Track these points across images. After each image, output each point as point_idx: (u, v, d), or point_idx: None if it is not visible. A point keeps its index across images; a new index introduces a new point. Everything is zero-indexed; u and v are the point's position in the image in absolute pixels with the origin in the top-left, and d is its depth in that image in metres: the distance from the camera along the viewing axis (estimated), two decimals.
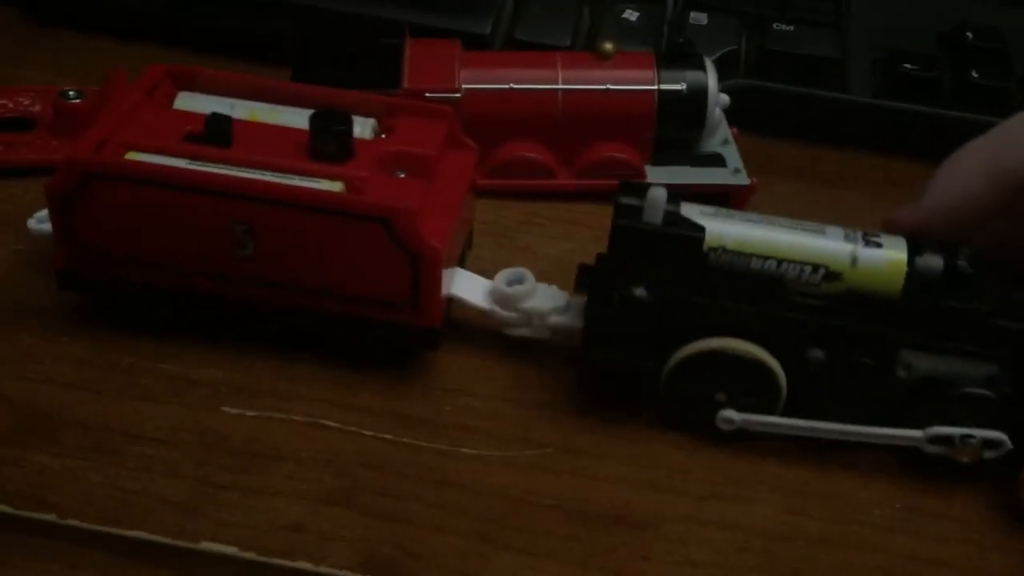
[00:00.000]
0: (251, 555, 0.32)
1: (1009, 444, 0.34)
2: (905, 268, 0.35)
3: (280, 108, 0.39)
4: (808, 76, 0.51)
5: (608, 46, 0.46)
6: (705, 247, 0.35)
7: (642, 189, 0.35)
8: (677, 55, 0.47)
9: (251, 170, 0.35)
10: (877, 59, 0.52)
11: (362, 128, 0.38)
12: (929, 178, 0.38)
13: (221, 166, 0.35)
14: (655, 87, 0.46)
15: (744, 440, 0.36)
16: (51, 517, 0.32)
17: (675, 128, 0.47)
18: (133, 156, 0.36)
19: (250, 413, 0.36)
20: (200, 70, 0.39)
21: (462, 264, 0.39)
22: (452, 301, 0.38)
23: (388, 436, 0.36)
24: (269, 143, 0.36)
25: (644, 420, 0.37)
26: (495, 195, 0.45)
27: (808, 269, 0.35)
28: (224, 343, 0.38)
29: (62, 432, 0.35)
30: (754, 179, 0.46)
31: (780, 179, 0.48)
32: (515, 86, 0.46)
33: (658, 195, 0.35)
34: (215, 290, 0.36)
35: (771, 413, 0.35)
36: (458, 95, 0.45)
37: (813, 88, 0.51)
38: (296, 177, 0.35)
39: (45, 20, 0.53)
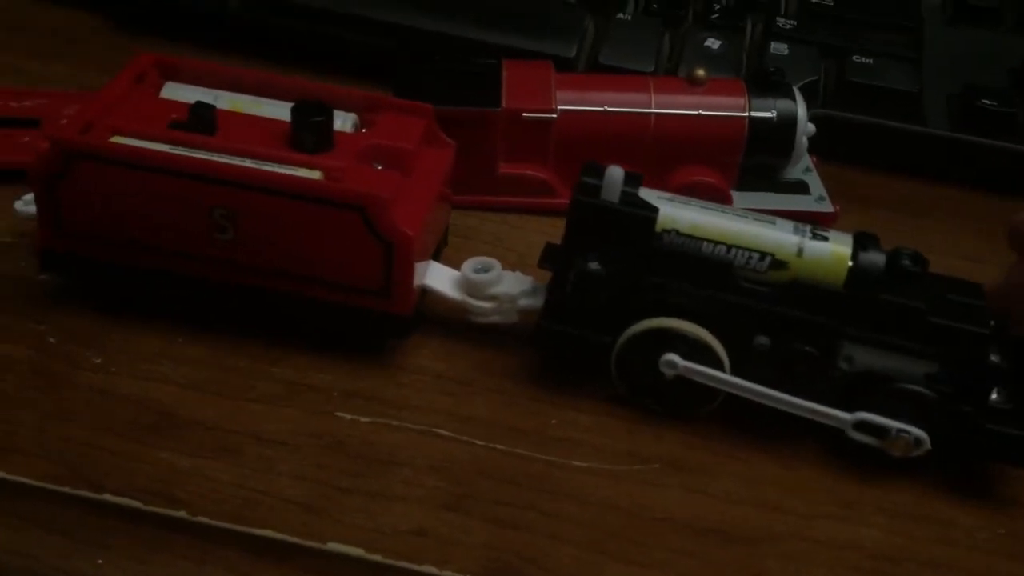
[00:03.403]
0: (377, 557, 0.33)
1: (928, 444, 0.36)
2: (849, 262, 0.36)
3: (263, 100, 0.40)
4: (886, 108, 0.52)
5: (701, 72, 0.47)
6: (658, 228, 0.36)
7: (601, 170, 0.37)
8: (768, 83, 0.48)
9: (232, 157, 0.37)
10: (951, 93, 0.53)
11: (343, 122, 0.39)
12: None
13: (203, 152, 0.37)
14: (746, 114, 0.47)
15: (845, 459, 0.37)
16: (181, 514, 0.33)
17: (764, 155, 0.47)
18: (117, 140, 0.37)
19: (364, 419, 0.37)
20: (186, 61, 0.41)
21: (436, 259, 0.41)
22: (425, 293, 0.39)
23: (500, 446, 0.36)
24: (251, 133, 0.38)
25: (745, 436, 0.37)
26: None
27: (756, 256, 0.36)
28: (332, 349, 0.38)
29: (186, 431, 0.35)
30: (838, 207, 0.47)
31: (858, 208, 0.49)
32: (609, 108, 0.47)
33: (615, 174, 0.36)
34: (195, 272, 0.38)
35: (715, 396, 0.37)
36: (554, 116, 0.46)
37: (891, 120, 0.52)
38: (276, 165, 0.37)
39: (137, 30, 0.54)
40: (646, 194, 0.37)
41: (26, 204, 0.40)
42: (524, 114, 0.46)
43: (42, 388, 0.36)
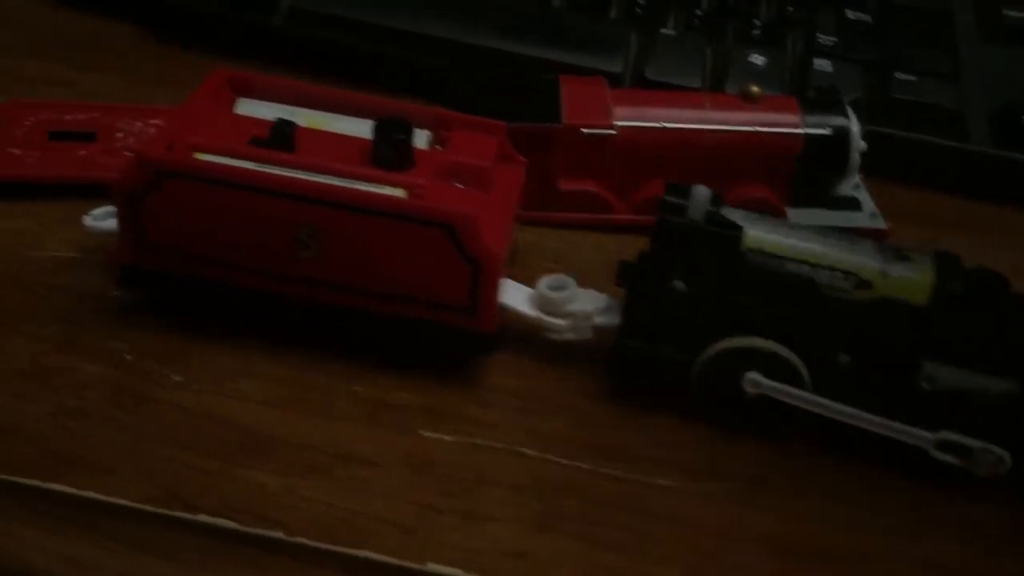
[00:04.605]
0: None
1: (1010, 462, 0.36)
2: (932, 281, 0.36)
3: (336, 117, 0.40)
4: (929, 125, 0.52)
5: (755, 89, 0.48)
6: (742, 247, 0.37)
7: (687, 190, 0.37)
8: (821, 100, 0.48)
9: (315, 174, 0.37)
10: (992, 110, 0.53)
11: (419, 139, 0.39)
12: None
13: (286, 169, 0.37)
14: (801, 131, 0.47)
15: (927, 478, 0.37)
16: (278, 534, 0.33)
17: (818, 171, 0.48)
18: (201, 157, 0.37)
19: (448, 438, 0.37)
20: (259, 77, 0.41)
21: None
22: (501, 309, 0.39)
23: (584, 465, 0.37)
24: (330, 149, 0.38)
25: (826, 455, 0.38)
26: (637, 231, 0.46)
27: (840, 276, 0.37)
28: (411, 367, 0.38)
29: (273, 450, 0.35)
30: (890, 223, 0.48)
31: (906, 224, 0.49)
32: (666, 124, 0.47)
33: (702, 194, 0.37)
34: (276, 289, 0.38)
35: (796, 414, 0.37)
36: (612, 131, 0.46)
37: (935, 137, 0.52)
38: (358, 182, 0.37)
39: (179, 41, 0.53)
40: (729, 213, 0.37)
41: (96, 219, 0.39)
42: (583, 130, 0.46)
43: (125, 406, 0.36)
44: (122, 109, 0.47)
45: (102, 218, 0.39)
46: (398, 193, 0.37)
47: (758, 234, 0.37)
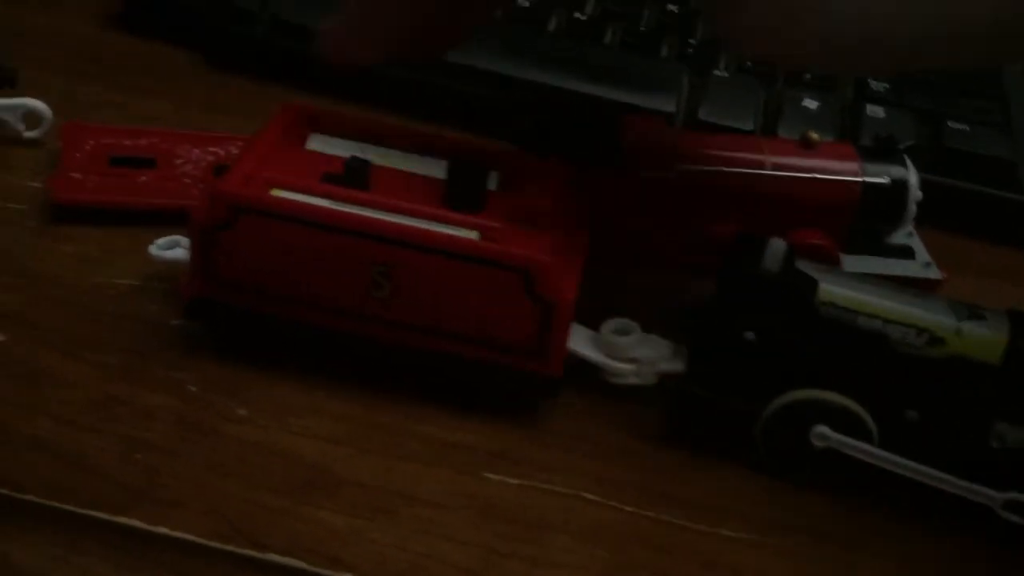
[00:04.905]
0: None
1: None
2: (1005, 339, 0.36)
3: (405, 154, 0.40)
4: (982, 174, 0.52)
5: (814, 135, 0.48)
6: (816, 301, 0.36)
7: (761, 241, 0.37)
8: (879, 149, 0.48)
9: (389, 213, 0.37)
10: None
11: (488, 179, 0.39)
12: None
13: (361, 208, 0.37)
14: (860, 179, 0.47)
15: (994, 537, 0.37)
16: None
17: (875, 220, 0.48)
18: (277, 193, 0.37)
19: (512, 481, 0.37)
20: (331, 112, 0.41)
21: None
22: None
23: (649, 513, 0.36)
24: (404, 188, 0.38)
25: (892, 510, 0.38)
26: (688, 273, 0.46)
27: (912, 332, 0.37)
28: (474, 408, 0.38)
29: (339, 489, 0.35)
30: (945, 274, 0.47)
31: (959, 275, 0.49)
32: (725, 168, 0.47)
33: (779, 246, 0.37)
34: (345, 327, 0.37)
35: (863, 468, 0.37)
36: (673, 174, 0.46)
37: (988, 187, 0.52)
38: (432, 223, 0.37)
39: (231, 68, 0.53)
40: (802, 265, 0.37)
41: (160, 249, 0.39)
42: (642, 173, 0.46)
43: (191, 439, 0.36)
44: (180, 136, 0.47)
45: (167, 247, 0.39)
46: (471, 235, 0.37)
47: (831, 288, 0.37)
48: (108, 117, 0.49)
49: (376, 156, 0.39)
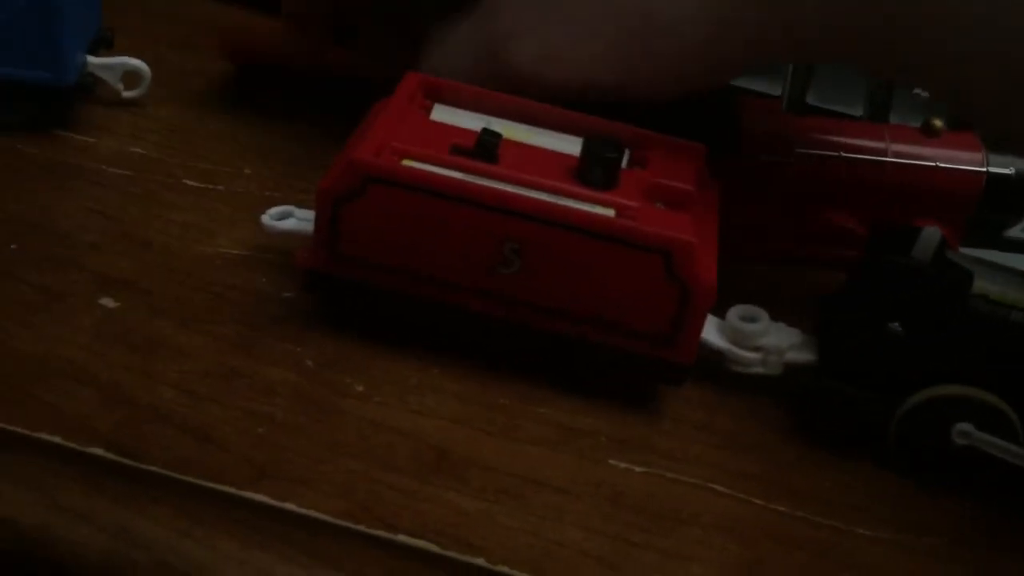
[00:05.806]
0: None
1: None
2: None
3: (534, 129, 0.39)
4: None
5: (938, 123, 0.46)
6: (970, 293, 0.35)
7: (914, 230, 0.36)
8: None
9: (522, 188, 0.35)
10: None
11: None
12: None
13: (493, 181, 0.35)
14: (984, 169, 0.45)
15: None
16: (480, 561, 0.32)
17: (996, 211, 0.46)
18: (409, 164, 0.35)
19: (637, 469, 0.35)
20: (452, 83, 0.39)
21: None
22: None
23: (780, 507, 0.35)
24: (533, 163, 0.36)
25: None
26: (804, 263, 0.44)
27: None
28: (596, 393, 0.37)
29: (464, 471, 0.34)
30: None
31: None
32: (844, 154, 0.45)
33: (933, 235, 0.36)
34: (468, 304, 0.36)
35: (1004, 468, 0.36)
36: (791, 160, 0.44)
37: None
38: (565, 199, 0.35)
39: None
40: (953, 255, 0.36)
41: (273, 219, 0.38)
42: (762, 157, 0.44)
43: (311, 415, 0.35)
44: None
45: (279, 217, 0.38)
46: (607, 213, 0.35)
47: (983, 282, 0.35)
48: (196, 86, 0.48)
49: (503, 129, 0.37)
